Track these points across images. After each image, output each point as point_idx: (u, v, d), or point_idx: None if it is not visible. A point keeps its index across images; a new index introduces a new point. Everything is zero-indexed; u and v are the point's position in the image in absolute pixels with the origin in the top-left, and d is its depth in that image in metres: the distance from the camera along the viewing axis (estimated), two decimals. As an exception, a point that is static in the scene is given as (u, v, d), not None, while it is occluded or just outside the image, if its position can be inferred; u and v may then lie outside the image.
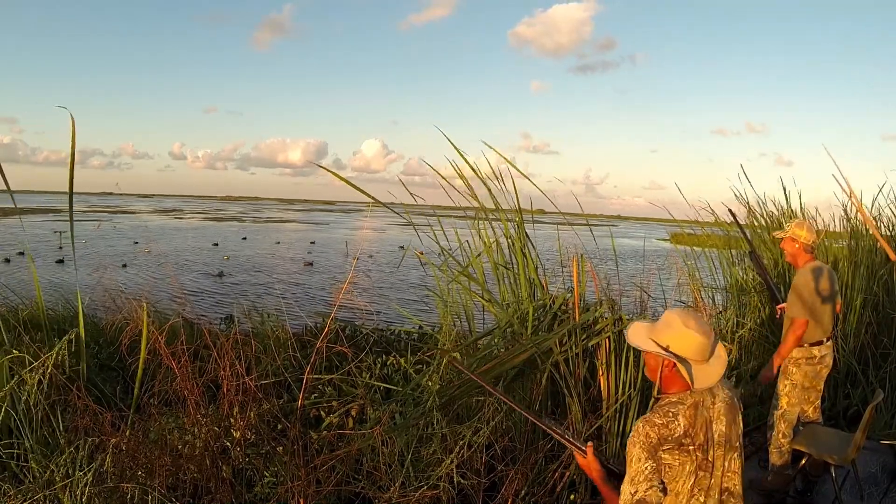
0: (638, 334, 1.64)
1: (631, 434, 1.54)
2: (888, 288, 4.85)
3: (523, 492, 2.72)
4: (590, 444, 1.67)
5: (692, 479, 1.53)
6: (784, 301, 3.41)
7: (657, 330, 1.61)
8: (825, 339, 3.06)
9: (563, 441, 1.74)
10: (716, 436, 1.56)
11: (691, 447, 1.52)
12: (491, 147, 3.65)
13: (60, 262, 21.83)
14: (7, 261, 19.29)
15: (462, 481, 2.69)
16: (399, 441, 2.77)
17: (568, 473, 2.82)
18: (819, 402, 3.18)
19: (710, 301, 5.12)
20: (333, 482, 2.57)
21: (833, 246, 5.56)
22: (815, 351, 3.04)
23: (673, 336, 1.57)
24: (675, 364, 1.56)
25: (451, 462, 2.68)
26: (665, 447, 1.51)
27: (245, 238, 38.21)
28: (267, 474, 2.63)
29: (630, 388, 3.02)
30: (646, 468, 1.49)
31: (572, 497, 2.79)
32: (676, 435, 1.51)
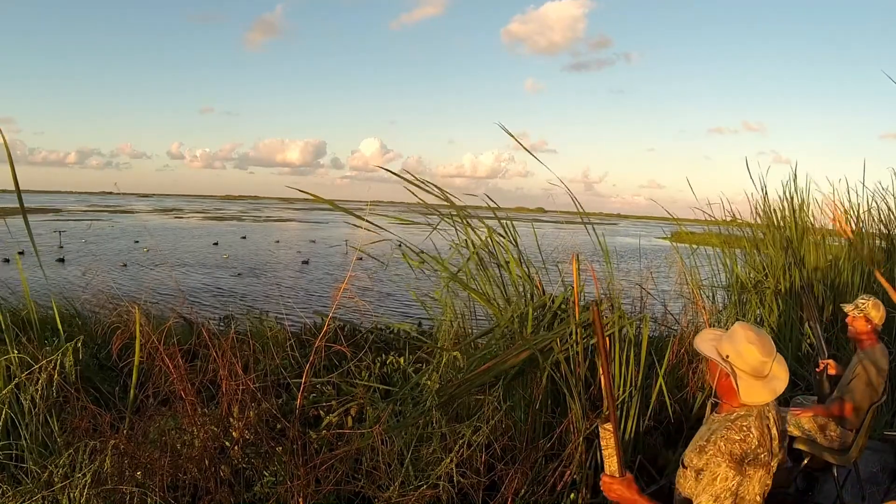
0: (704, 340, 1.74)
1: (708, 453, 1.58)
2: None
3: (523, 491, 2.71)
4: (629, 474, 1.66)
5: (760, 482, 1.59)
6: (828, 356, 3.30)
7: (723, 339, 1.70)
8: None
9: (615, 453, 1.65)
10: (773, 439, 1.63)
11: (763, 456, 1.58)
12: (509, 133, 3.64)
13: (61, 261, 21.85)
14: (6, 261, 19.29)
15: (462, 480, 2.68)
16: (398, 440, 2.76)
17: (568, 473, 2.82)
18: None
19: (710, 299, 5.11)
20: (333, 481, 2.56)
21: (833, 245, 5.56)
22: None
23: (734, 348, 1.65)
24: (729, 375, 1.63)
25: (451, 461, 2.67)
26: (749, 459, 1.57)
27: (245, 237, 38.26)
28: (266, 474, 2.62)
29: (631, 386, 3.01)
30: (732, 485, 1.54)
31: (573, 496, 2.78)
32: (753, 447, 1.58)
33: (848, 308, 3.08)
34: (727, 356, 1.65)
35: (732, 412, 1.66)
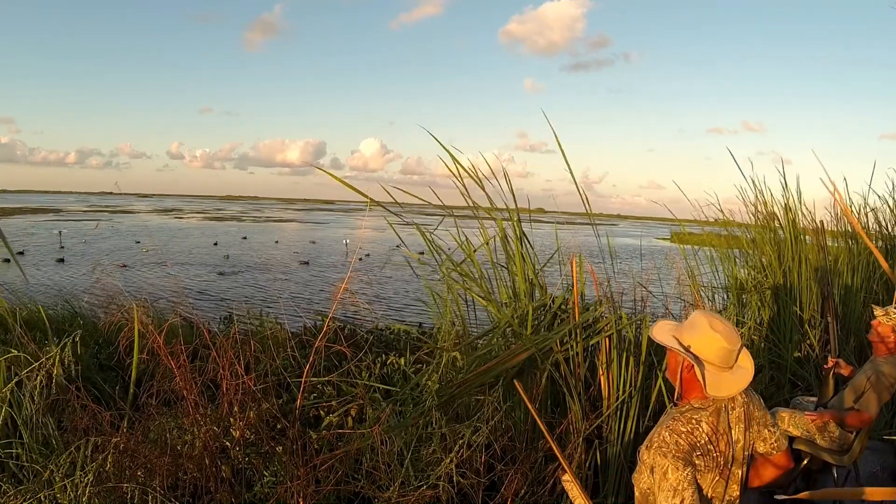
0: (662, 331, 1.60)
1: (653, 446, 1.47)
2: (888, 286, 4.85)
3: (523, 491, 2.71)
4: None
5: (710, 486, 1.50)
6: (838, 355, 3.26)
7: (682, 329, 1.57)
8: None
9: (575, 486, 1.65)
10: (734, 443, 1.53)
11: (714, 453, 1.48)
12: (485, 159, 3.64)
13: (61, 261, 21.88)
14: (6, 261, 19.31)
15: (461, 481, 2.69)
16: (398, 440, 2.76)
17: (568, 473, 2.82)
18: None
19: (710, 300, 5.11)
20: (333, 481, 2.57)
21: (833, 245, 5.56)
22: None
23: (697, 337, 1.53)
24: (694, 367, 1.51)
25: (451, 461, 2.67)
26: (697, 453, 1.46)
27: (245, 238, 38.30)
28: (266, 474, 2.62)
29: (630, 386, 3.01)
30: (687, 474, 1.43)
31: (572, 497, 2.78)
32: (703, 441, 1.47)
33: (878, 312, 3.02)
34: (689, 346, 1.52)
35: (685, 405, 1.55)
